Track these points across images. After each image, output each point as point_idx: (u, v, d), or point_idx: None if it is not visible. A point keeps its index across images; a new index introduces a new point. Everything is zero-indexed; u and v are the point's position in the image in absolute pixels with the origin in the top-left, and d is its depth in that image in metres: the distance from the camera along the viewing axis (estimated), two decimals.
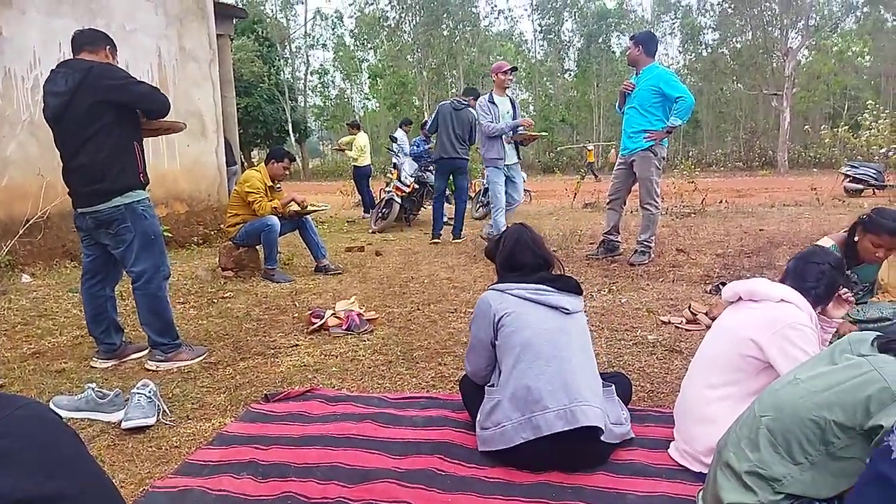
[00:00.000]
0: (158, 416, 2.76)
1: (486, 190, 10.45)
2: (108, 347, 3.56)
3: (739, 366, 2.09)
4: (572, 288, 2.43)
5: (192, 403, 2.97)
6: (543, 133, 6.71)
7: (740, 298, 2.24)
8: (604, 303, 4.57)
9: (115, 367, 3.51)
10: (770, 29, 31.72)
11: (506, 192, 6.98)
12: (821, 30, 33.19)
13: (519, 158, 7.15)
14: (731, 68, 34.48)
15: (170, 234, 6.60)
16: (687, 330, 3.88)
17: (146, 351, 3.60)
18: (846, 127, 13.38)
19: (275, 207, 5.65)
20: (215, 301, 4.95)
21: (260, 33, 35.30)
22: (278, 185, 5.90)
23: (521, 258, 2.49)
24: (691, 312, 4.04)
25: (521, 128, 6.85)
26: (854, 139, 12.87)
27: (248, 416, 2.80)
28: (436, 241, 7.63)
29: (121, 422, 2.69)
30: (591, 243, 6.77)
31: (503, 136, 6.77)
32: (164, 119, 3.43)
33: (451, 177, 7.97)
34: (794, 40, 31.04)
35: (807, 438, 1.55)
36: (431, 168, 9.48)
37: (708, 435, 2.07)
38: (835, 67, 33.64)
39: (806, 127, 20.02)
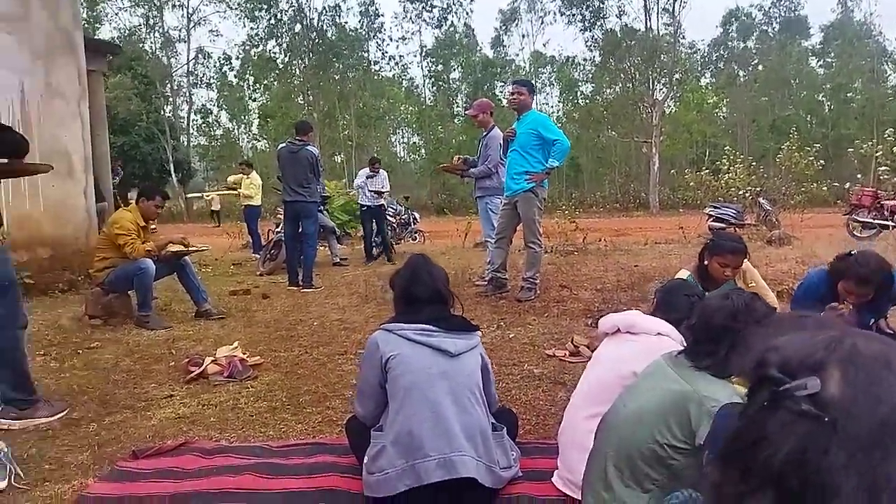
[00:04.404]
0: (11, 479, 2.50)
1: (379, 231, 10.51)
2: None
3: None
4: (459, 327, 2.44)
5: (51, 464, 2.69)
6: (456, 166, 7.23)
7: (618, 330, 2.35)
8: (493, 339, 4.66)
9: None
10: (636, 83, 34.43)
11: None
12: (683, 83, 36.53)
13: (474, 192, 7.16)
14: (605, 117, 36.94)
15: (31, 281, 6.04)
16: (570, 362, 4.02)
17: None
18: (707, 171, 14.66)
19: (149, 250, 5.32)
20: (80, 352, 4.55)
21: (138, 71, 33.87)
22: (153, 226, 5.58)
23: (416, 292, 2.47)
24: (573, 345, 4.21)
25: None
26: (715, 182, 14.10)
27: (113, 475, 2.57)
28: (293, 286, 7.19)
29: None
30: (481, 281, 6.89)
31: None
32: (25, 161, 3.19)
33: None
34: (660, 93, 33.91)
35: (649, 465, 1.63)
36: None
37: None
38: (696, 118, 37.08)
39: (672, 171, 21.77)
